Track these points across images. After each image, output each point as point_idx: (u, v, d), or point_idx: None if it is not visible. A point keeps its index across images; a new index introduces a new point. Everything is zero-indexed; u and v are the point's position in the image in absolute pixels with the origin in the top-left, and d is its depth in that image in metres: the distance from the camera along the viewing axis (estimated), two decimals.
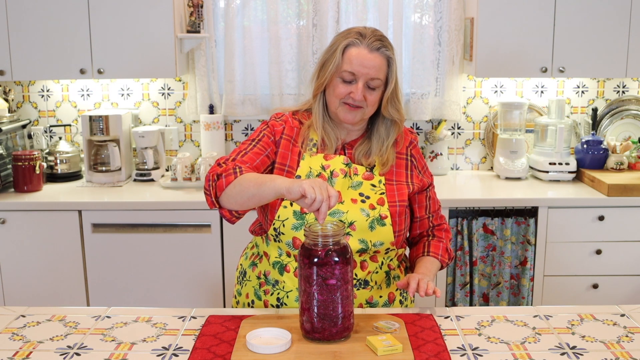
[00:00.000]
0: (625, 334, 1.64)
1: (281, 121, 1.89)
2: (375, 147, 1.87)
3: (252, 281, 1.90)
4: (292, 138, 1.87)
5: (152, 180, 3.40)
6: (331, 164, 1.83)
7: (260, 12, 3.43)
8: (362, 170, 1.85)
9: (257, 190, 1.63)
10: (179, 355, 1.53)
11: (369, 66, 1.77)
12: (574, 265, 3.07)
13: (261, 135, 1.86)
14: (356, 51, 1.78)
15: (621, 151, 3.35)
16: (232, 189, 1.69)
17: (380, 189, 1.84)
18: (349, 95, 1.79)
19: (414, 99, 3.47)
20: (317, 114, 1.87)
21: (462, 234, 3.07)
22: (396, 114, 1.86)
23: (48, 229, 3.03)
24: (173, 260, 3.06)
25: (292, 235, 1.79)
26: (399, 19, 3.37)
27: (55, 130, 3.59)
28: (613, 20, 3.13)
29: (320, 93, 1.86)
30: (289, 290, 1.83)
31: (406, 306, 1.93)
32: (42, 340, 1.61)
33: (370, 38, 1.79)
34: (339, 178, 1.82)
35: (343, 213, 1.78)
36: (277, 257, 1.84)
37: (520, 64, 3.19)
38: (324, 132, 1.86)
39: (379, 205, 1.81)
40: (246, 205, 1.69)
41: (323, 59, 1.84)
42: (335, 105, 1.82)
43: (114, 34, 3.15)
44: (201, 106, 3.49)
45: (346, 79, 1.79)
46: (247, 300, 1.92)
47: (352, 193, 1.82)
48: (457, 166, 3.65)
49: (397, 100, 1.85)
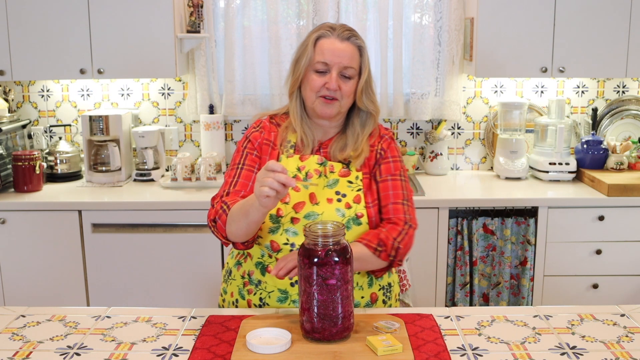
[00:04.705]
0: (625, 334, 1.64)
1: (259, 129, 1.91)
2: (351, 140, 1.87)
3: (237, 280, 1.91)
4: (271, 142, 1.89)
5: (152, 180, 3.40)
6: (306, 164, 1.84)
7: (260, 12, 3.43)
8: (339, 167, 1.85)
9: (247, 219, 1.66)
10: (179, 355, 1.53)
11: (341, 55, 1.80)
12: (574, 265, 3.07)
13: (244, 156, 1.87)
14: (327, 42, 1.81)
15: (621, 151, 3.35)
16: (230, 228, 1.72)
17: (358, 185, 1.84)
18: (325, 87, 1.80)
19: (414, 99, 3.47)
20: (294, 112, 1.88)
21: (462, 234, 3.07)
22: (371, 105, 1.87)
23: (48, 229, 3.03)
24: (173, 260, 3.06)
25: (269, 239, 1.81)
26: (399, 19, 3.37)
27: (55, 130, 3.59)
28: (613, 20, 3.13)
29: (297, 91, 1.87)
30: (270, 291, 1.84)
31: (390, 305, 1.92)
32: (42, 340, 1.61)
33: (340, 29, 1.83)
34: (313, 179, 1.82)
35: (318, 215, 1.78)
36: (259, 258, 1.85)
37: (520, 64, 3.19)
38: (302, 131, 1.87)
39: (355, 204, 1.81)
40: (251, 233, 1.72)
41: (295, 56, 1.86)
42: (311, 100, 1.83)
43: (114, 34, 3.15)
44: (201, 106, 3.49)
45: (320, 70, 1.81)
46: (231, 299, 1.93)
47: (328, 192, 1.82)
48: (457, 166, 3.65)
49: (371, 91, 1.87)
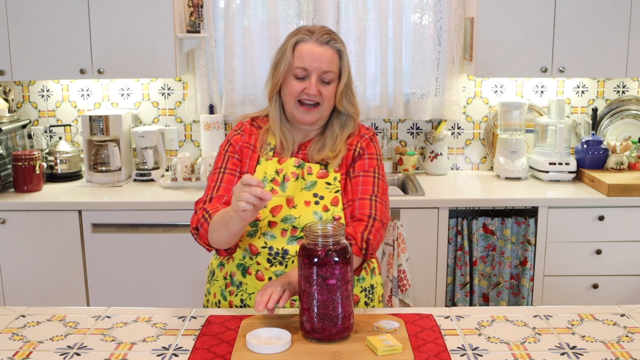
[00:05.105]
0: (625, 334, 1.64)
1: (240, 132, 1.91)
2: (329, 141, 1.86)
3: (219, 281, 1.91)
4: (251, 145, 1.88)
5: (152, 180, 3.40)
6: (284, 167, 1.83)
7: (260, 12, 3.43)
8: (317, 169, 1.84)
9: (228, 230, 1.66)
10: (179, 355, 1.53)
11: (320, 60, 1.78)
12: (574, 265, 3.07)
13: (226, 159, 1.88)
14: (306, 46, 1.79)
15: (621, 151, 3.35)
16: (212, 237, 1.73)
17: (336, 186, 1.83)
18: (304, 92, 1.79)
19: (414, 99, 3.47)
20: (274, 116, 1.86)
21: (462, 234, 3.06)
22: (351, 108, 1.85)
23: (48, 229, 3.03)
24: (173, 260, 3.06)
25: (248, 242, 1.81)
26: (399, 19, 3.37)
27: (55, 130, 3.59)
28: (613, 20, 3.13)
29: (276, 95, 1.85)
30: (251, 292, 1.84)
31: (372, 307, 1.91)
32: (42, 340, 1.61)
33: (319, 33, 1.80)
34: (290, 182, 1.81)
35: (296, 218, 1.78)
36: (240, 260, 1.85)
37: (520, 64, 3.19)
38: (282, 134, 1.85)
39: (332, 206, 1.80)
40: (232, 241, 1.72)
41: (275, 60, 1.84)
42: (291, 105, 1.82)
43: (114, 34, 3.15)
44: (201, 106, 3.49)
45: (299, 76, 1.79)
46: (214, 300, 1.93)
47: (305, 195, 1.81)
48: (457, 166, 3.65)
49: (351, 94, 1.85)
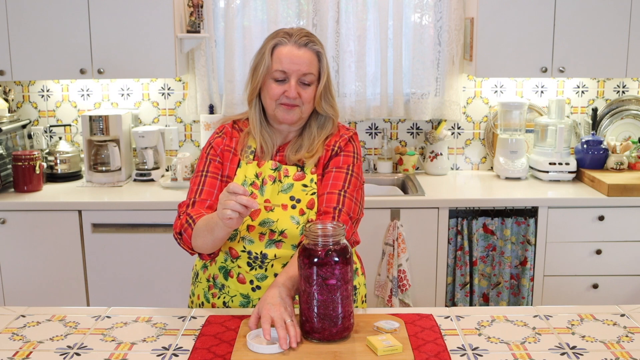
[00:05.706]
0: (625, 334, 1.64)
1: (222, 134, 1.90)
2: (306, 142, 1.85)
3: (203, 283, 1.91)
4: (232, 148, 1.87)
5: (152, 180, 3.40)
6: (262, 170, 1.83)
7: (260, 12, 3.43)
8: (293, 171, 1.83)
9: (212, 236, 1.66)
10: (179, 355, 1.53)
11: (299, 62, 1.77)
12: (574, 265, 3.07)
13: (207, 163, 1.86)
14: (285, 49, 1.78)
15: (621, 151, 3.35)
16: (196, 242, 1.73)
17: (312, 188, 1.82)
18: (284, 95, 1.78)
19: (414, 99, 3.47)
20: (254, 120, 1.86)
21: (462, 234, 3.06)
22: (330, 109, 1.85)
23: (48, 229, 3.03)
24: (173, 260, 3.06)
25: (228, 246, 1.81)
26: (399, 19, 3.37)
27: (55, 130, 3.59)
28: (613, 20, 3.13)
29: (256, 98, 1.85)
30: (233, 295, 1.84)
31: (356, 307, 1.89)
32: (42, 340, 1.61)
33: (297, 35, 1.79)
34: (267, 185, 1.81)
35: (273, 222, 1.78)
36: (222, 262, 1.85)
37: (520, 64, 3.19)
38: (262, 138, 1.85)
39: (308, 210, 1.80)
40: (217, 247, 1.73)
41: (253, 63, 1.83)
42: (272, 107, 1.81)
43: (114, 34, 3.15)
44: (201, 106, 3.49)
45: (278, 79, 1.79)
46: (198, 302, 1.93)
47: (282, 198, 1.80)
48: (457, 166, 3.65)
49: (330, 96, 1.85)
